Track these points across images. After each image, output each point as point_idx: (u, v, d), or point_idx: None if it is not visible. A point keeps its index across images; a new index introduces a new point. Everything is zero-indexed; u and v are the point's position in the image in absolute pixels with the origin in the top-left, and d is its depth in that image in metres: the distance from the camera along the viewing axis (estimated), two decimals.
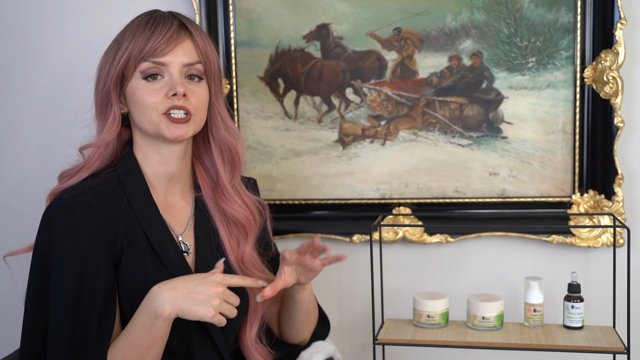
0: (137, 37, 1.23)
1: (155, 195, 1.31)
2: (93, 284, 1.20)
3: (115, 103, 1.27)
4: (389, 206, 1.78)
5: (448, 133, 1.73)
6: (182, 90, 1.22)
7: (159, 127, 1.24)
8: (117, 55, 1.25)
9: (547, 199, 1.72)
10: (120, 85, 1.26)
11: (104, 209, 1.22)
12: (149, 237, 1.25)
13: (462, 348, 1.56)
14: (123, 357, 1.20)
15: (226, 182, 1.35)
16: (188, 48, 1.25)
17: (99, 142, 1.27)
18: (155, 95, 1.23)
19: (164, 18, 1.26)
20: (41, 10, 1.82)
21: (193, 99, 1.25)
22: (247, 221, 1.37)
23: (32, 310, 1.22)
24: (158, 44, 1.22)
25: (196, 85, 1.27)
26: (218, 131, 1.33)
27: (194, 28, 1.27)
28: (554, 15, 1.67)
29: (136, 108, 1.25)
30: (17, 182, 1.88)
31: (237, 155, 1.35)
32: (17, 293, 1.82)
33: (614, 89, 1.64)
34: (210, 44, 1.29)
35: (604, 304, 1.67)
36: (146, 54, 1.22)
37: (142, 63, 1.23)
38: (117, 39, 1.28)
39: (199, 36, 1.27)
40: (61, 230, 1.19)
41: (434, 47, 1.71)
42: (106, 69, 1.26)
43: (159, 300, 1.18)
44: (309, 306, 1.42)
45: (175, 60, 1.24)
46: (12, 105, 1.87)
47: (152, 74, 1.24)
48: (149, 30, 1.23)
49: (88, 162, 1.28)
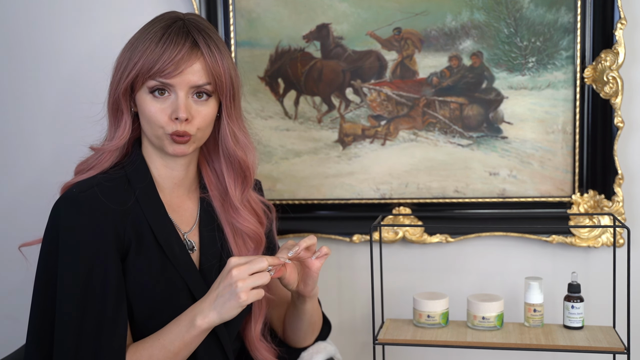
0: (148, 53, 1.22)
1: (161, 194, 1.32)
2: (102, 277, 1.21)
3: (126, 111, 1.28)
4: (389, 206, 1.78)
5: (448, 133, 1.73)
6: (185, 115, 1.23)
7: (162, 143, 1.27)
8: (127, 67, 1.25)
9: (547, 199, 1.72)
10: (131, 92, 1.28)
11: (112, 204, 1.24)
12: (156, 234, 1.27)
13: (462, 348, 1.56)
14: (150, 357, 1.21)
15: (235, 198, 1.36)
16: (198, 69, 1.24)
17: (109, 147, 1.29)
18: (162, 114, 1.24)
19: (178, 36, 1.23)
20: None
21: (196, 120, 1.26)
22: (255, 235, 1.38)
23: (38, 304, 1.23)
24: (166, 66, 1.22)
25: (203, 104, 1.26)
26: (228, 147, 1.33)
27: (207, 46, 1.25)
28: (554, 15, 1.67)
29: (144, 119, 1.27)
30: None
31: (247, 170, 1.35)
32: (19, 292, 1.83)
33: (614, 89, 1.64)
34: (222, 61, 1.26)
35: (604, 304, 1.67)
36: (154, 73, 1.22)
37: (149, 80, 1.23)
38: (132, 42, 1.28)
39: (211, 55, 1.25)
40: (69, 223, 1.21)
41: (434, 47, 1.71)
42: (118, 75, 1.27)
43: (198, 310, 1.20)
44: (313, 317, 1.43)
45: (183, 82, 1.23)
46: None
47: (159, 89, 1.24)
48: (160, 49, 1.22)
49: (100, 162, 1.30)
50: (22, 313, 1.50)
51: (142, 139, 1.33)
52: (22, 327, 1.32)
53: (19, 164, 1.89)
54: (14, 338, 1.67)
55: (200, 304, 1.21)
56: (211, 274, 1.32)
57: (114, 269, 1.22)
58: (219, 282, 1.20)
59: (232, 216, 1.37)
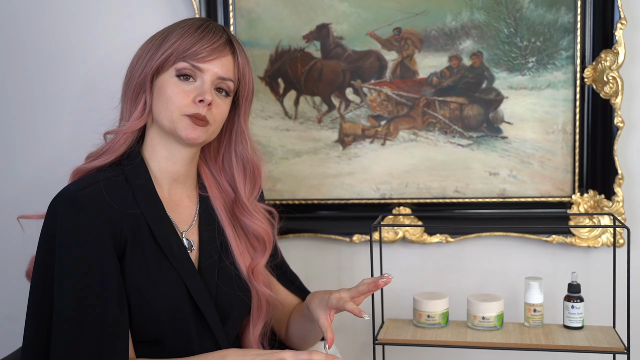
0: (186, 36, 1.27)
1: (160, 192, 1.32)
2: (100, 277, 1.19)
3: (148, 92, 1.29)
4: (389, 206, 1.78)
5: (448, 133, 1.73)
6: (210, 99, 1.26)
7: (176, 126, 1.27)
8: (161, 47, 1.28)
9: (547, 199, 1.72)
10: (154, 75, 1.29)
11: (110, 201, 1.24)
12: (154, 232, 1.26)
13: (462, 348, 1.56)
14: None
15: (245, 198, 1.39)
16: (227, 63, 1.30)
17: (126, 129, 1.29)
18: (184, 96, 1.26)
19: (216, 29, 1.31)
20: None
21: (215, 110, 1.29)
22: (267, 235, 1.41)
23: (36, 304, 1.22)
24: (203, 50, 1.26)
25: (222, 99, 1.31)
26: (244, 149, 1.38)
27: (239, 48, 1.33)
28: (554, 15, 1.67)
29: (161, 101, 1.28)
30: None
31: (259, 175, 1.41)
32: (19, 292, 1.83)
33: (614, 89, 1.64)
34: (248, 65, 1.34)
35: (604, 304, 1.67)
36: (189, 55, 1.26)
37: (180, 62, 1.27)
38: (161, 34, 1.31)
39: (241, 56, 1.33)
40: (67, 222, 1.20)
41: (434, 47, 1.71)
42: (147, 57, 1.29)
43: (227, 358, 1.20)
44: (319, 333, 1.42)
45: (213, 70, 1.28)
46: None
47: (186, 74, 1.27)
48: (199, 35, 1.28)
49: (113, 146, 1.30)
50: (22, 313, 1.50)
51: (148, 131, 1.33)
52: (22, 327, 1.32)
53: (19, 164, 1.89)
54: (14, 338, 1.67)
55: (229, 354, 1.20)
56: (210, 274, 1.32)
57: (113, 268, 1.21)
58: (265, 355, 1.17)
59: (245, 216, 1.39)
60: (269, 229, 1.41)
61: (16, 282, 1.86)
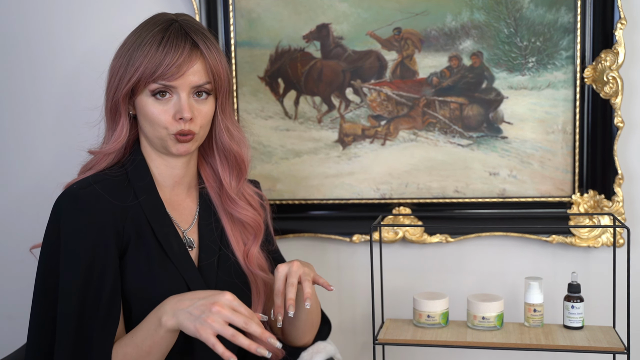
0: (150, 56, 1.24)
1: (161, 192, 1.34)
2: (100, 275, 1.21)
3: (124, 114, 1.30)
4: (389, 206, 1.78)
5: (448, 133, 1.73)
6: (189, 115, 1.25)
7: (166, 144, 1.28)
8: (127, 71, 1.26)
9: (547, 199, 1.72)
10: (130, 95, 1.29)
11: (113, 200, 1.25)
12: (155, 231, 1.28)
13: (462, 348, 1.56)
14: (124, 355, 1.20)
15: (230, 189, 1.38)
16: (198, 69, 1.27)
17: (105, 150, 1.31)
18: (165, 115, 1.26)
19: (177, 39, 1.25)
20: (50, 15, 1.82)
21: (199, 119, 1.28)
22: (255, 223, 1.41)
23: (40, 303, 1.23)
24: (169, 69, 1.24)
25: (203, 102, 1.29)
26: (223, 141, 1.36)
27: (205, 46, 1.27)
28: (554, 15, 1.67)
29: (146, 121, 1.28)
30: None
31: (242, 163, 1.39)
32: (19, 292, 1.83)
33: (614, 89, 1.64)
34: (221, 59, 1.30)
35: (604, 304, 1.67)
36: (157, 77, 1.24)
37: (151, 84, 1.25)
38: (127, 47, 1.28)
39: (210, 54, 1.28)
40: (69, 219, 1.21)
41: (434, 47, 1.71)
42: (116, 81, 1.28)
43: (164, 309, 1.18)
44: (311, 315, 1.42)
45: (185, 83, 1.26)
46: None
47: (161, 91, 1.26)
48: (162, 51, 1.24)
49: (97, 163, 1.32)
50: (22, 313, 1.50)
51: (141, 140, 1.34)
52: (22, 327, 1.32)
53: (19, 166, 1.89)
54: (14, 338, 1.67)
55: (167, 303, 1.18)
56: (210, 272, 1.33)
57: (112, 267, 1.22)
58: (202, 297, 1.17)
59: (230, 206, 1.39)
60: (256, 216, 1.41)
61: (16, 282, 1.86)
